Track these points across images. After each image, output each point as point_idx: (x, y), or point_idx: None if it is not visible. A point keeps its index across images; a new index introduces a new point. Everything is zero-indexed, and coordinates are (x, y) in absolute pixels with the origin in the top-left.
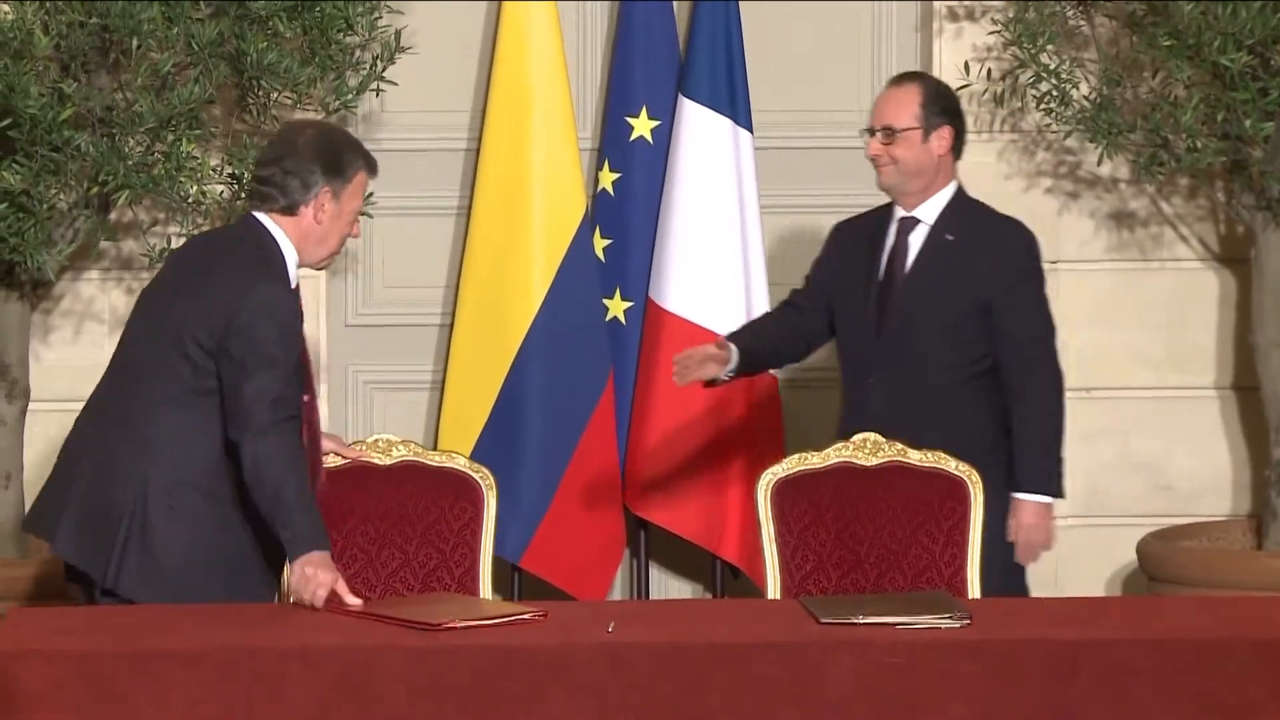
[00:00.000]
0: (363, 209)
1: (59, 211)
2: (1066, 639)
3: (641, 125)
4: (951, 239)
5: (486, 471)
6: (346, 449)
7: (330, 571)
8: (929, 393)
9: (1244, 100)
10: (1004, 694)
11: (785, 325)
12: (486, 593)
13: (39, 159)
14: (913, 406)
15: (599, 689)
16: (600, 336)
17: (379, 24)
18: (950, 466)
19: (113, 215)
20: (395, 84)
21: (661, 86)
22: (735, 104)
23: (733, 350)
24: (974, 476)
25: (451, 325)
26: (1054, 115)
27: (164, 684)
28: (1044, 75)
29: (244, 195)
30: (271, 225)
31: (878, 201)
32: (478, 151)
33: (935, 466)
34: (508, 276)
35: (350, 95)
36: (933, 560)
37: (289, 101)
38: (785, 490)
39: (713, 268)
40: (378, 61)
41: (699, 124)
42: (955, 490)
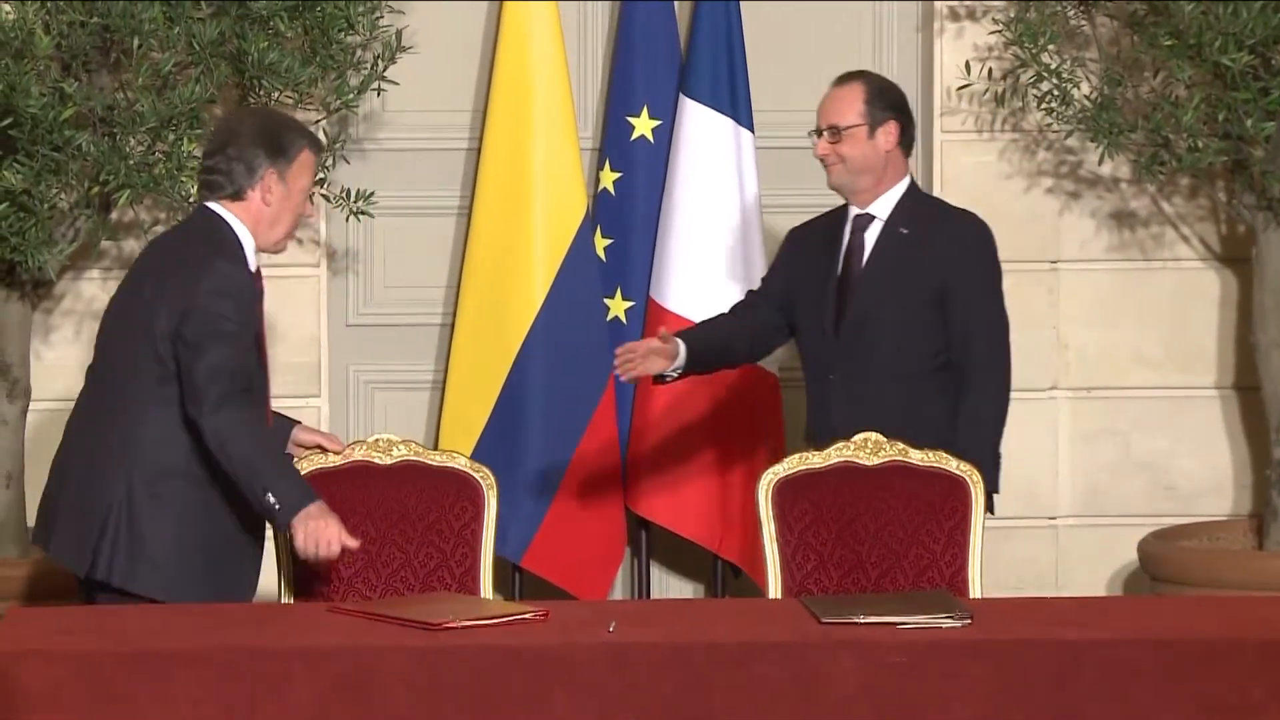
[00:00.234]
0: (313, 188)
1: (60, 211)
2: (1068, 639)
3: (642, 125)
4: (906, 233)
5: (487, 471)
6: (329, 439)
7: (330, 520)
8: (888, 388)
9: (1245, 100)
10: (1006, 694)
11: (737, 325)
12: (487, 592)
13: (40, 158)
14: (872, 402)
15: (600, 689)
16: (601, 336)
17: (380, 24)
18: (951, 466)
19: (114, 215)
20: (396, 84)
21: (662, 86)
22: (736, 103)
23: (680, 346)
24: (975, 476)
25: (452, 325)
26: (1055, 115)
27: (165, 684)
28: (1045, 75)
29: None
30: (224, 212)
31: None
32: (479, 151)
33: (936, 466)
34: (509, 276)
35: (351, 95)
36: (934, 560)
37: (290, 101)
38: (786, 490)
39: (714, 267)
40: (379, 61)
41: (700, 123)
42: (956, 490)
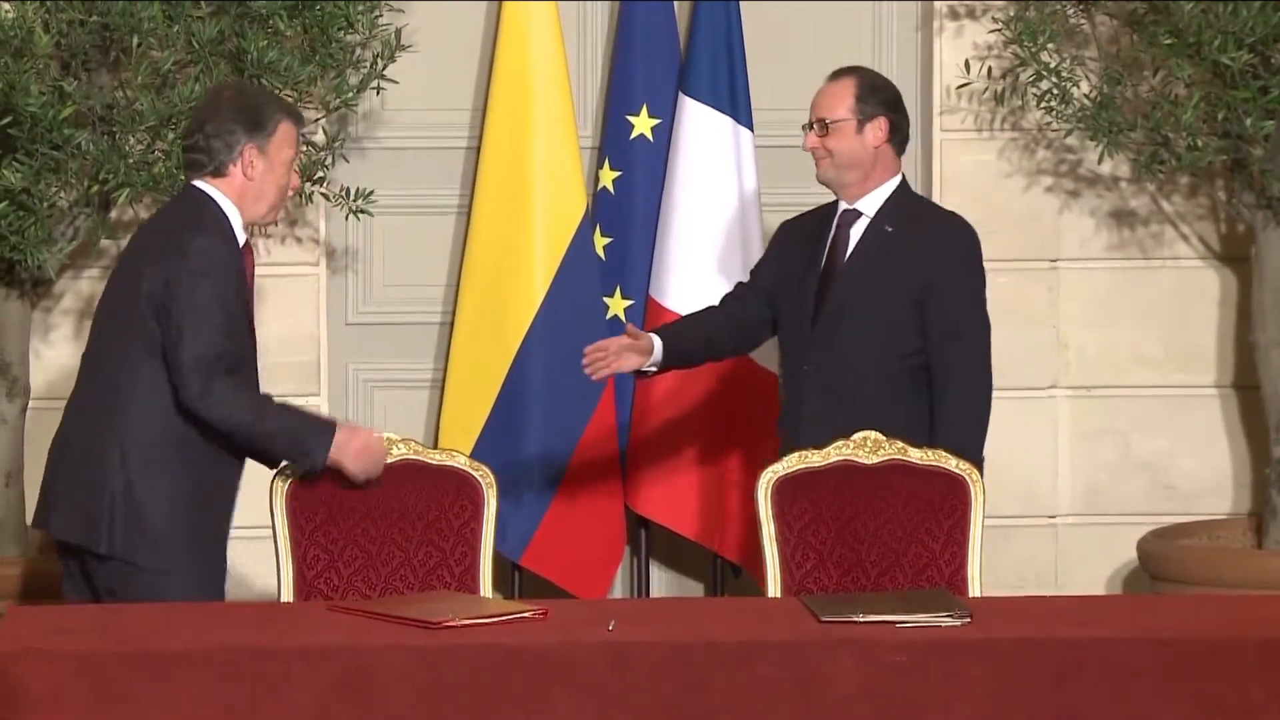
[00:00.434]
0: (298, 157)
1: (59, 210)
2: (1068, 638)
3: (642, 123)
4: (890, 230)
5: (487, 470)
6: None
7: (359, 439)
8: (862, 384)
9: (1244, 99)
10: (1006, 693)
11: (722, 318)
12: (487, 591)
13: (39, 157)
14: (845, 398)
15: (599, 688)
16: (601, 335)
17: (379, 22)
18: (951, 465)
19: (113, 213)
20: (396, 82)
21: (662, 84)
22: (736, 102)
23: (654, 341)
24: (974, 475)
25: (452, 323)
26: (1054, 114)
27: (165, 684)
28: (1044, 73)
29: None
30: (209, 189)
31: None
32: (478, 150)
33: (935, 465)
34: (508, 275)
35: (351, 94)
36: (933, 558)
37: (290, 100)
38: (785, 488)
39: (713, 266)
40: (378, 60)
41: (700, 122)
42: (955, 489)
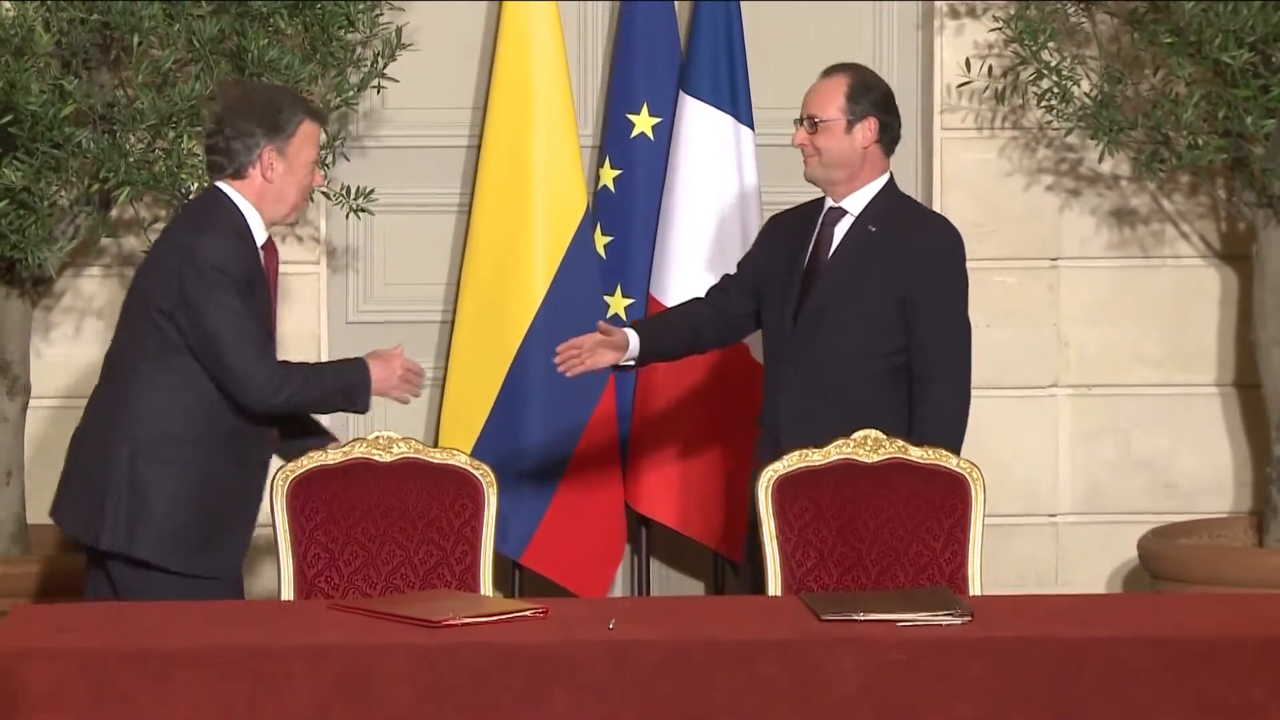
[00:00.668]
0: (319, 156)
1: (60, 208)
2: (1068, 636)
3: (642, 122)
4: (874, 230)
5: (487, 468)
6: None
7: (390, 369)
8: (842, 382)
9: (1245, 97)
10: (1006, 691)
11: (705, 311)
12: (487, 590)
13: (40, 156)
14: (825, 395)
15: (600, 686)
16: None
17: (380, 21)
18: (951, 464)
19: (114, 212)
20: (396, 81)
21: (662, 83)
22: (736, 101)
23: (630, 336)
24: (975, 474)
25: (452, 322)
26: (1055, 112)
27: (166, 682)
28: (1045, 72)
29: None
30: (230, 190)
31: None
32: (479, 148)
33: (936, 464)
34: (509, 273)
35: (351, 92)
36: (934, 557)
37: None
38: (786, 487)
39: (713, 265)
40: (379, 58)
41: (700, 121)
42: (956, 487)
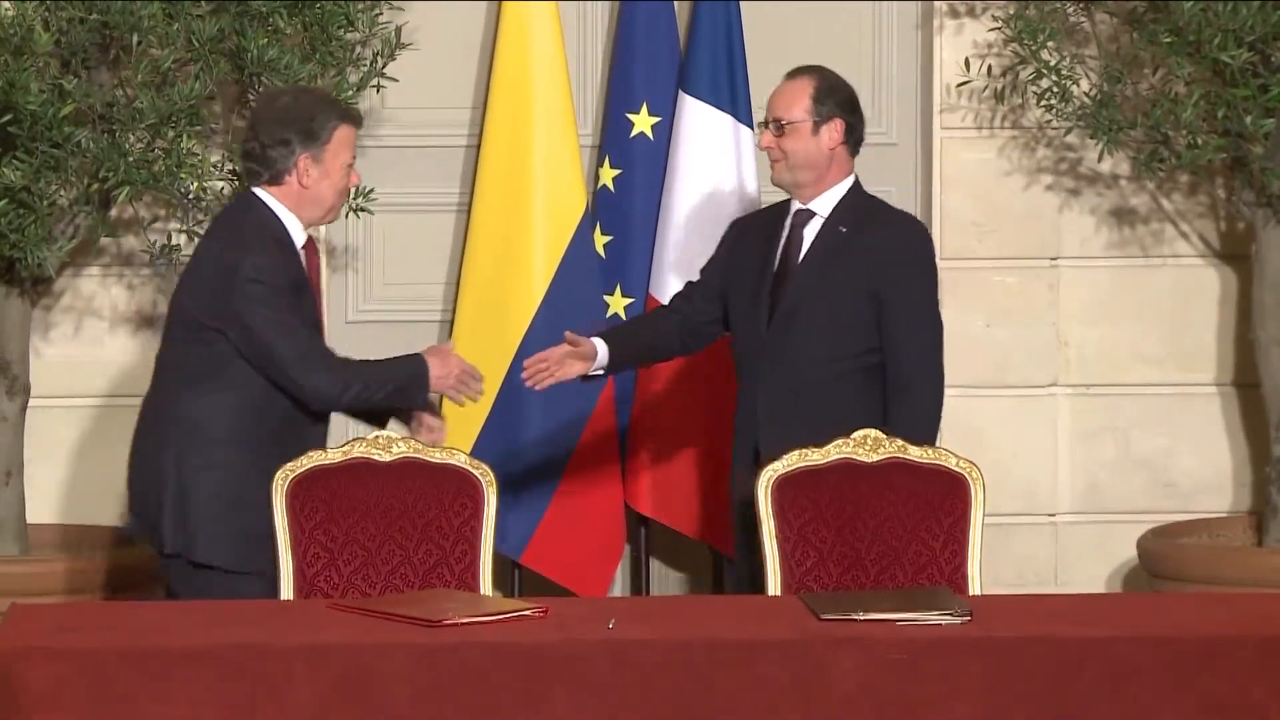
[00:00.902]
0: (353, 159)
1: (59, 208)
2: (1068, 636)
3: (642, 121)
4: (844, 231)
5: (487, 468)
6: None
7: (447, 369)
8: (817, 384)
9: (1244, 97)
10: (1005, 691)
11: (669, 319)
12: (487, 589)
13: (39, 155)
14: (801, 398)
15: (600, 686)
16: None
17: (380, 20)
18: (951, 463)
19: (113, 212)
20: (396, 80)
21: (662, 83)
22: (736, 100)
23: (598, 346)
24: (974, 473)
25: (452, 322)
26: (1054, 112)
27: (166, 682)
28: (1044, 72)
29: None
30: (266, 197)
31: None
32: (478, 148)
33: (936, 463)
34: (508, 273)
35: (351, 92)
36: (933, 557)
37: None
38: (786, 487)
39: None
40: (378, 58)
41: (700, 120)
42: (956, 487)
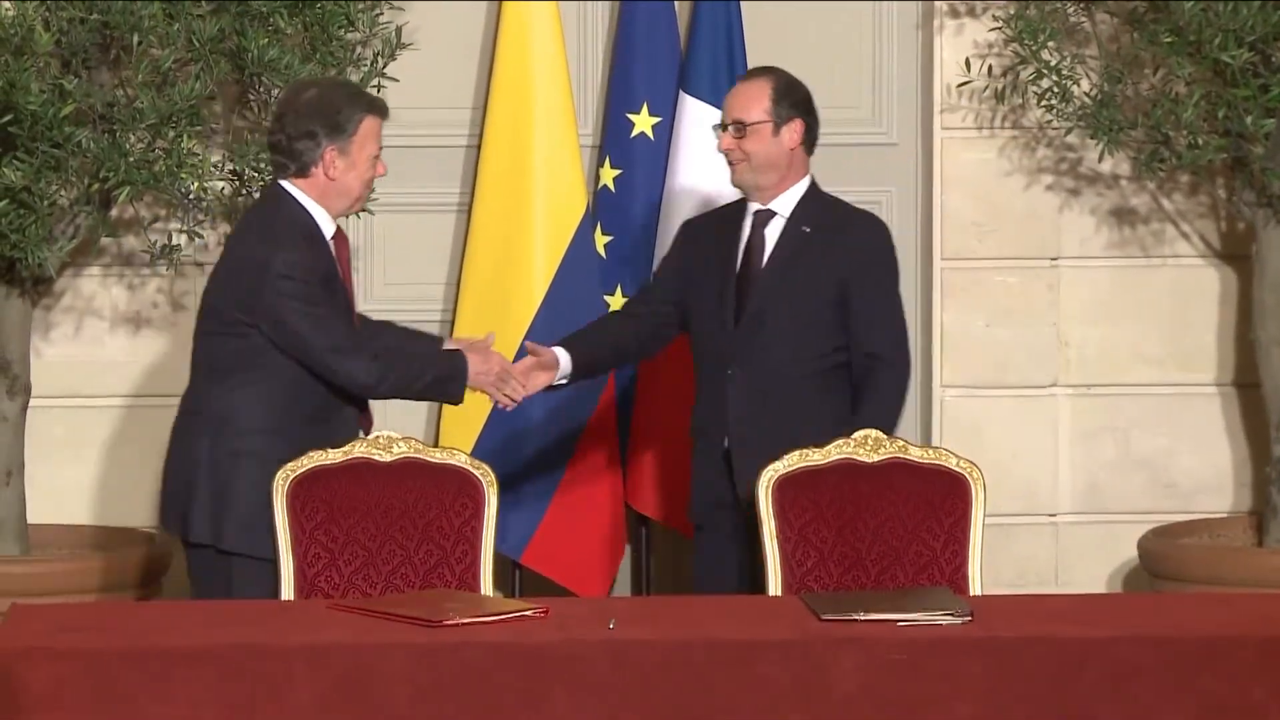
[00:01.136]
0: (379, 150)
1: (60, 208)
2: (1068, 636)
3: (642, 122)
4: (808, 231)
5: (487, 468)
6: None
7: (489, 370)
8: (787, 384)
9: (1245, 97)
10: (1006, 691)
11: (625, 324)
12: (488, 589)
13: (40, 155)
14: (771, 398)
15: (600, 686)
16: None
17: (380, 20)
18: (951, 464)
19: (114, 212)
20: (396, 80)
21: (662, 83)
22: None
23: (560, 356)
24: (975, 474)
25: (452, 322)
26: (1055, 112)
27: (167, 682)
28: (1045, 72)
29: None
30: (293, 189)
31: (875, 199)
32: (479, 148)
33: (936, 463)
34: (509, 273)
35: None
36: (934, 557)
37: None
38: (786, 487)
39: None
40: (379, 58)
41: (700, 120)
42: (956, 487)
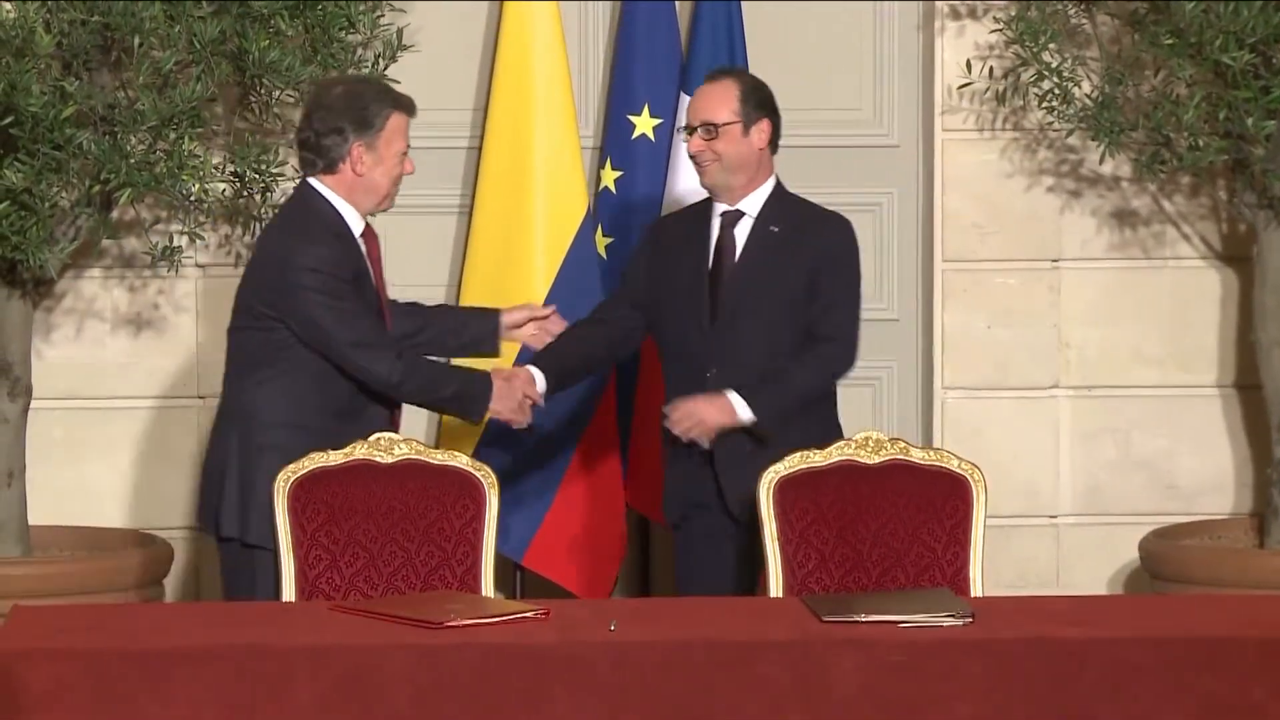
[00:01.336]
0: (406, 147)
1: (61, 210)
2: (1069, 638)
3: (643, 123)
4: (776, 230)
5: (489, 470)
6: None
7: (508, 396)
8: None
9: (1246, 98)
10: (1008, 692)
11: (594, 332)
12: (489, 591)
13: (41, 157)
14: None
15: (601, 687)
16: None
17: (381, 22)
18: (952, 465)
19: (114, 213)
20: (398, 82)
21: (663, 84)
22: None
23: (535, 375)
24: (976, 475)
25: None
26: (1056, 113)
27: (167, 683)
28: (1046, 73)
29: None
30: (321, 187)
31: (876, 201)
32: (480, 150)
33: (937, 465)
34: (510, 275)
35: None
36: (935, 559)
37: (291, 99)
38: (787, 488)
39: None
40: (380, 60)
41: None
42: (957, 489)
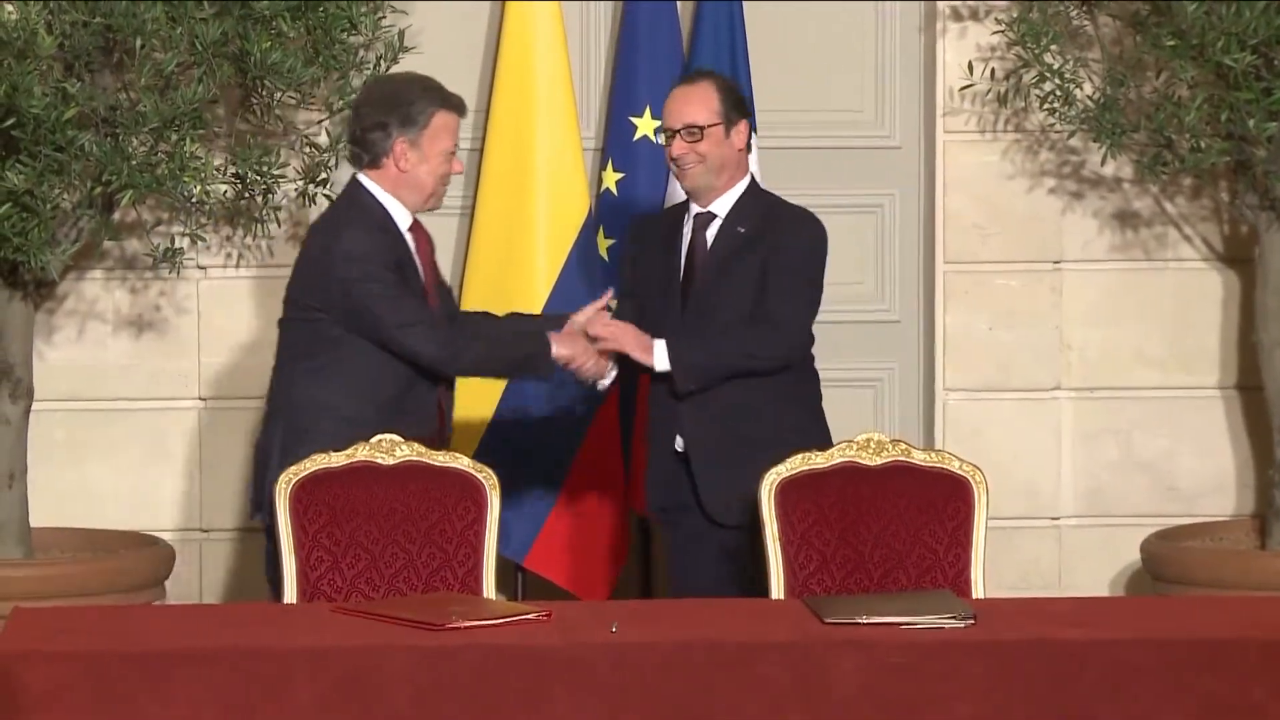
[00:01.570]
0: (454, 147)
1: (62, 211)
2: (1071, 639)
3: (645, 125)
4: (743, 231)
5: (490, 471)
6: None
7: (575, 353)
8: (737, 384)
9: (1248, 100)
10: (1009, 694)
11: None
12: (490, 593)
13: (43, 159)
14: (720, 391)
15: (602, 689)
16: None
17: (383, 24)
18: (954, 467)
19: (116, 215)
20: None
21: (665, 85)
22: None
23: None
24: (978, 476)
25: None
26: (1058, 115)
27: (167, 684)
28: (1048, 75)
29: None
30: (368, 182)
31: (878, 202)
32: (481, 151)
33: (939, 466)
34: (511, 276)
35: (354, 95)
36: (936, 560)
37: (293, 101)
38: (789, 490)
39: None
40: (381, 61)
41: None
42: (959, 490)
